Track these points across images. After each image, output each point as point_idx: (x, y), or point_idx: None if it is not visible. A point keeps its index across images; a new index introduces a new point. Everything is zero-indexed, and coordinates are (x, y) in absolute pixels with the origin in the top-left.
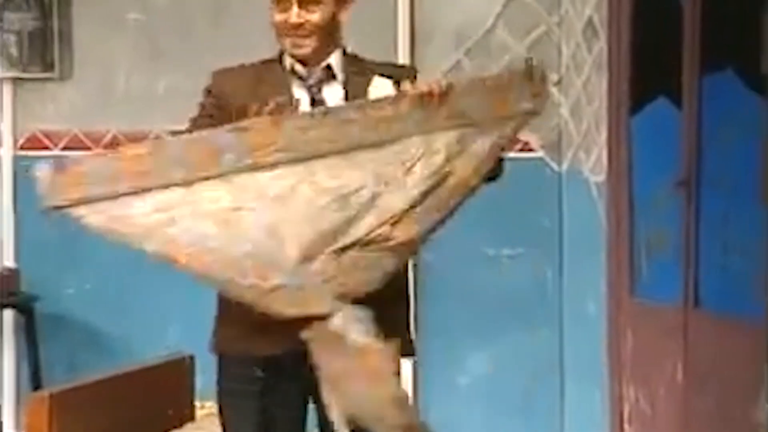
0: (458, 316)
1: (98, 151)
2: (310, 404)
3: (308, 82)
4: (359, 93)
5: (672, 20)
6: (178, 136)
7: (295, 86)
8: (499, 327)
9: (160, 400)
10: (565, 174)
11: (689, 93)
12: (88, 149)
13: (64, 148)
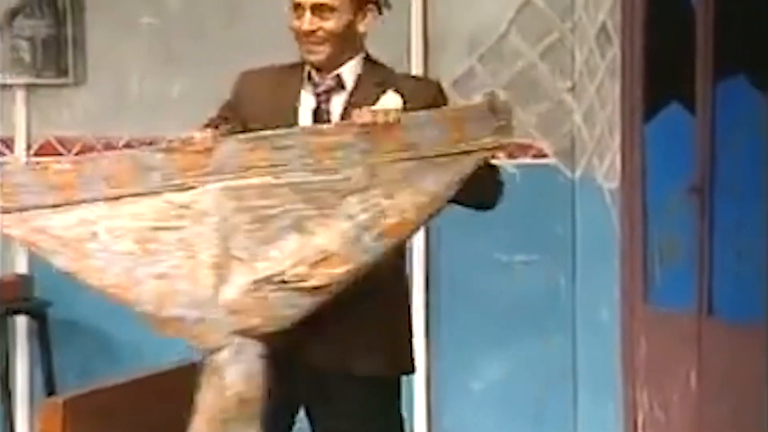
0: (471, 323)
1: (31, 162)
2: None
3: (317, 90)
4: (364, 105)
5: (685, 26)
6: (108, 153)
7: (306, 92)
8: (513, 333)
9: (173, 406)
10: (579, 180)
11: (703, 99)
12: None
13: (78, 155)
